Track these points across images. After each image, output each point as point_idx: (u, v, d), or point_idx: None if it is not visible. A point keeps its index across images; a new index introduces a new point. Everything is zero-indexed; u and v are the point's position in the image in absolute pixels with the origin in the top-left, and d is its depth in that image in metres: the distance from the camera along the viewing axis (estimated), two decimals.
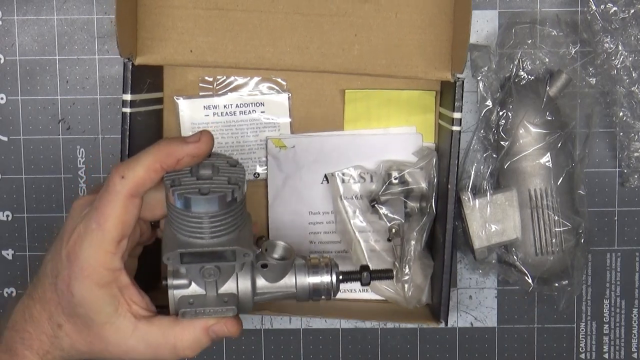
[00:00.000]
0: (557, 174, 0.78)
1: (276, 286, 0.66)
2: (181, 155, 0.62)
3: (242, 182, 0.62)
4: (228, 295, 0.65)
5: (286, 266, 0.66)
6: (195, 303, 0.64)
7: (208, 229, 0.61)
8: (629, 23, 0.79)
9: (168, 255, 0.61)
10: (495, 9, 0.83)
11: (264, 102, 0.82)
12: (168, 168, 0.62)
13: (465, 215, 0.78)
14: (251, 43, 0.77)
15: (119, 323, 0.64)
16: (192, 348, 0.65)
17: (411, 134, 0.82)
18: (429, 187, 0.79)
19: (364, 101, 0.82)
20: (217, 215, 0.60)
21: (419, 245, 0.79)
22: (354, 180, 0.82)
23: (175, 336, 0.64)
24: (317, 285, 0.67)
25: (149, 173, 0.62)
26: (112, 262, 0.63)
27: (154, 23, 0.77)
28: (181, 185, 0.61)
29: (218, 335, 0.66)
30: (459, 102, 0.74)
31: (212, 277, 0.63)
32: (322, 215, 0.83)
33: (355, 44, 0.77)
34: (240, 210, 0.63)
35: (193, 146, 0.63)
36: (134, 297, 0.64)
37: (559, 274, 0.80)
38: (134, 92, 0.74)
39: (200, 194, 0.60)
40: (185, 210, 0.60)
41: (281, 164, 0.82)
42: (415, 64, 0.77)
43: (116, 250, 0.62)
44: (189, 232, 0.61)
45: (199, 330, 0.65)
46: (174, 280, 0.65)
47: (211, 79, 0.82)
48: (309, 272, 0.67)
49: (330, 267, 0.68)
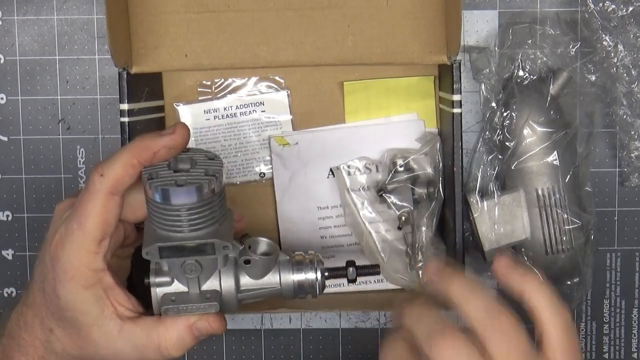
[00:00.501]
0: (564, 172, 0.78)
1: (260, 283, 0.66)
2: (156, 147, 0.62)
3: (219, 174, 0.62)
4: (211, 292, 0.64)
5: (269, 262, 0.66)
6: (178, 300, 0.64)
7: (186, 222, 0.60)
8: (627, 21, 0.79)
9: (147, 249, 0.60)
10: (495, 9, 0.83)
11: (263, 101, 0.82)
12: (145, 162, 0.62)
13: (473, 218, 0.78)
14: (245, 43, 0.77)
15: (106, 325, 0.63)
16: (176, 347, 0.64)
17: (413, 120, 0.82)
18: (435, 172, 0.79)
19: (363, 92, 0.82)
20: (194, 207, 0.60)
21: (430, 230, 0.79)
22: (359, 171, 0.82)
23: (159, 336, 0.64)
24: (302, 282, 0.66)
25: (127, 169, 0.62)
26: (95, 263, 0.62)
27: (146, 31, 0.77)
28: (158, 178, 0.61)
29: (201, 333, 0.65)
30: (457, 84, 0.74)
31: (193, 272, 0.62)
32: (330, 209, 0.83)
33: (349, 34, 0.77)
34: (219, 204, 0.62)
35: (168, 138, 0.62)
36: (119, 298, 0.63)
37: (570, 272, 0.80)
38: (131, 101, 0.74)
39: (177, 185, 0.60)
40: (163, 203, 0.60)
41: (286, 162, 0.82)
42: (411, 50, 0.77)
43: (98, 249, 0.62)
44: (167, 226, 0.61)
45: (182, 328, 0.64)
46: (156, 278, 0.64)
47: (209, 82, 0.82)
48: (293, 269, 0.66)
49: (315, 263, 0.67)
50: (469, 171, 0.81)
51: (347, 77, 0.82)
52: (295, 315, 0.86)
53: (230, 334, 0.86)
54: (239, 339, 0.87)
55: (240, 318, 0.86)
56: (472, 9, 0.82)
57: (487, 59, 0.80)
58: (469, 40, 0.83)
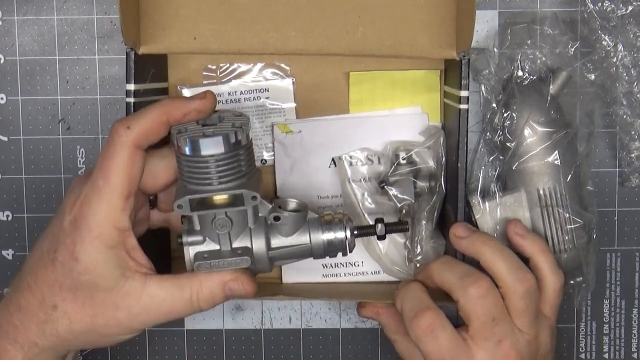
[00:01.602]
0: (565, 171, 0.78)
1: (290, 241, 0.67)
2: (187, 109, 0.63)
3: (245, 126, 0.63)
4: (242, 248, 0.66)
5: (299, 219, 0.67)
6: (210, 257, 0.65)
7: (215, 174, 0.62)
8: (627, 21, 0.79)
9: (178, 202, 0.61)
10: (495, 9, 0.83)
11: (268, 88, 0.82)
12: (174, 121, 0.63)
13: (475, 219, 0.78)
14: (255, 29, 0.77)
15: (128, 286, 0.63)
16: (207, 300, 0.65)
17: (417, 114, 0.82)
18: (437, 165, 0.79)
19: (368, 83, 0.82)
20: (222, 158, 0.62)
21: (430, 224, 0.79)
22: (361, 162, 0.82)
23: (191, 288, 0.64)
24: (332, 241, 0.68)
25: (155, 123, 0.62)
26: (121, 221, 0.62)
27: (156, 12, 0.76)
28: (187, 131, 0.62)
29: (233, 292, 0.65)
30: (465, 80, 0.74)
31: (224, 228, 0.64)
32: (331, 199, 0.83)
33: (359, 25, 0.77)
34: (247, 157, 0.64)
35: (199, 102, 0.64)
36: (141, 259, 0.64)
37: (573, 271, 0.80)
38: (137, 82, 0.74)
39: (205, 136, 0.61)
40: (192, 155, 0.61)
41: (288, 150, 0.82)
42: (420, 44, 0.77)
43: (125, 205, 0.62)
44: (197, 180, 0.62)
45: (215, 284, 0.65)
46: (189, 237, 0.65)
47: (214, 66, 0.82)
48: (322, 227, 0.68)
49: (344, 222, 0.68)
50: (471, 172, 0.82)
51: (353, 68, 0.82)
52: (295, 315, 0.86)
53: (230, 334, 0.86)
54: (239, 339, 0.87)
55: (240, 318, 0.86)
56: None
57: (486, 60, 0.80)
58: None
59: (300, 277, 0.83)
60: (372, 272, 0.83)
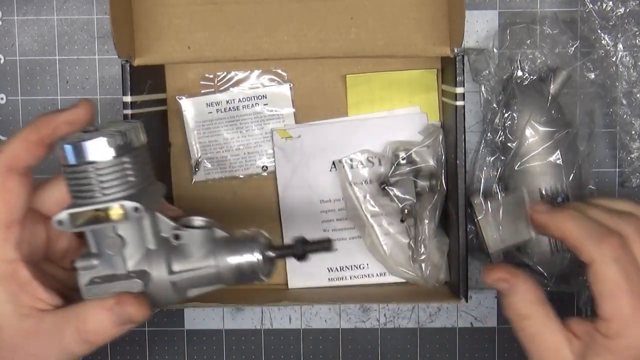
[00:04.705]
0: (567, 171, 0.78)
1: (194, 264, 0.58)
2: (56, 122, 0.57)
3: (130, 131, 0.56)
4: (138, 272, 0.57)
5: (203, 238, 0.58)
6: (103, 282, 0.57)
7: (97, 184, 0.55)
8: (626, 20, 0.79)
9: (57, 217, 0.54)
10: (495, 9, 0.83)
11: (266, 94, 0.82)
12: (45, 137, 0.57)
13: (478, 220, 0.78)
14: (248, 35, 0.77)
15: (23, 324, 0.56)
16: (96, 331, 0.56)
17: (415, 113, 0.82)
18: (438, 164, 0.79)
19: (366, 85, 0.82)
20: (103, 166, 0.55)
21: (433, 223, 0.79)
22: (362, 164, 0.82)
23: (77, 318, 0.56)
24: (241, 265, 0.58)
25: (24, 144, 0.57)
26: (5, 252, 0.56)
27: (150, 23, 0.77)
28: (66, 139, 0.56)
29: (120, 318, 0.56)
30: (460, 77, 0.74)
31: (115, 248, 0.56)
32: (333, 202, 0.83)
33: (352, 27, 0.77)
34: (134, 166, 0.57)
35: (68, 112, 0.58)
36: (38, 293, 0.57)
37: (576, 271, 0.79)
38: (134, 94, 0.74)
39: (81, 140, 0.55)
40: (70, 164, 0.55)
41: (288, 155, 0.82)
42: (414, 42, 0.77)
43: (7, 236, 0.56)
44: (80, 192, 0.55)
45: (99, 310, 0.56)
46: (82, 261, 0.57)
47: (212, 75, 0.82)
48: (231, 248, 0.58)
49: (257, 241, 0.58)
50: (472, 173, 0.81)
51: (350, 70, 0.82)
52: (295, 315, 0.86)
53: (230, 334, 0.86)
54: (239, 339, 0.86)
55: (240, 318, 0.86)
56: (472, 9, 0.82)
57: (486, 60, 0.80)
58: (468, 41, 0.83)
59: (306, 282, 0.83)
60: (377, 274, 0.83)
